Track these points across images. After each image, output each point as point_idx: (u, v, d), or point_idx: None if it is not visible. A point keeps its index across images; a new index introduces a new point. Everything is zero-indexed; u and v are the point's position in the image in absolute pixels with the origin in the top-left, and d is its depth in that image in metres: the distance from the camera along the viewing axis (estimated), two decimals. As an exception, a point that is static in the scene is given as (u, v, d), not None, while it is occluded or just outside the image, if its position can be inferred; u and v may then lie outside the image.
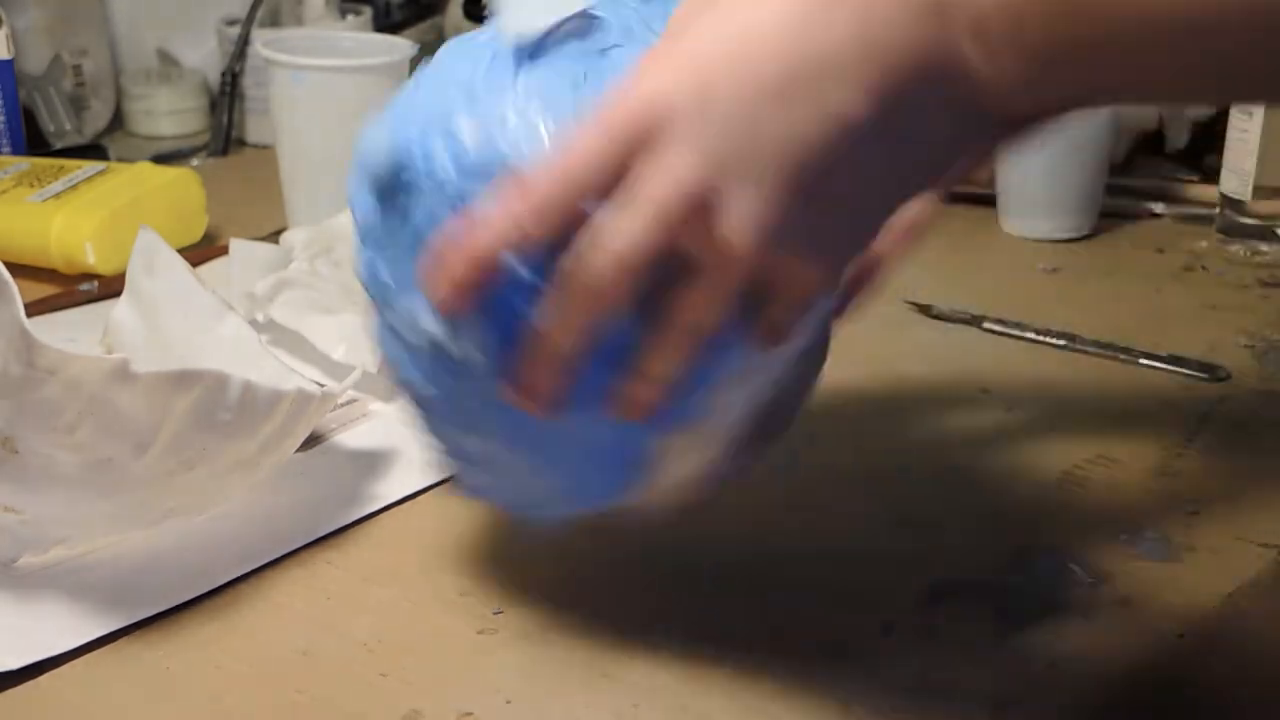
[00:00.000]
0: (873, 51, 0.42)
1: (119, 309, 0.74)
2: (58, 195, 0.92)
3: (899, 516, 0.64)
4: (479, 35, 0.52)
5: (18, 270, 0.66)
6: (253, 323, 0.74)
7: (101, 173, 0.95)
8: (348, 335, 0.75)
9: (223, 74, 1.18)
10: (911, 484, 0.66)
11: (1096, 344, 0.81)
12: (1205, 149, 1.11)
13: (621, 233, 0.44)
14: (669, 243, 0.44)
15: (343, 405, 0.73)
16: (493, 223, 0.45)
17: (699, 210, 0.43)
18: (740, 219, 0.43)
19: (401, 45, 0.96)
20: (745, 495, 0.60)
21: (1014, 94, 0.42)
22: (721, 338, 0.47)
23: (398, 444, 0.70)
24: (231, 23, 1.21)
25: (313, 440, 0.70)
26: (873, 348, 0.80)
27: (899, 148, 0.43)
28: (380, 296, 0.52)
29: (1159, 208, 1.05)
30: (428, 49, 1.23)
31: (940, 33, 0.42)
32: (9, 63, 1.02)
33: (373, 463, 0.69)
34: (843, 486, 0.67)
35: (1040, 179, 0.99)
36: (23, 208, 0.91)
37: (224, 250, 0.89)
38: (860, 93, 0.42)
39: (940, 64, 0.42)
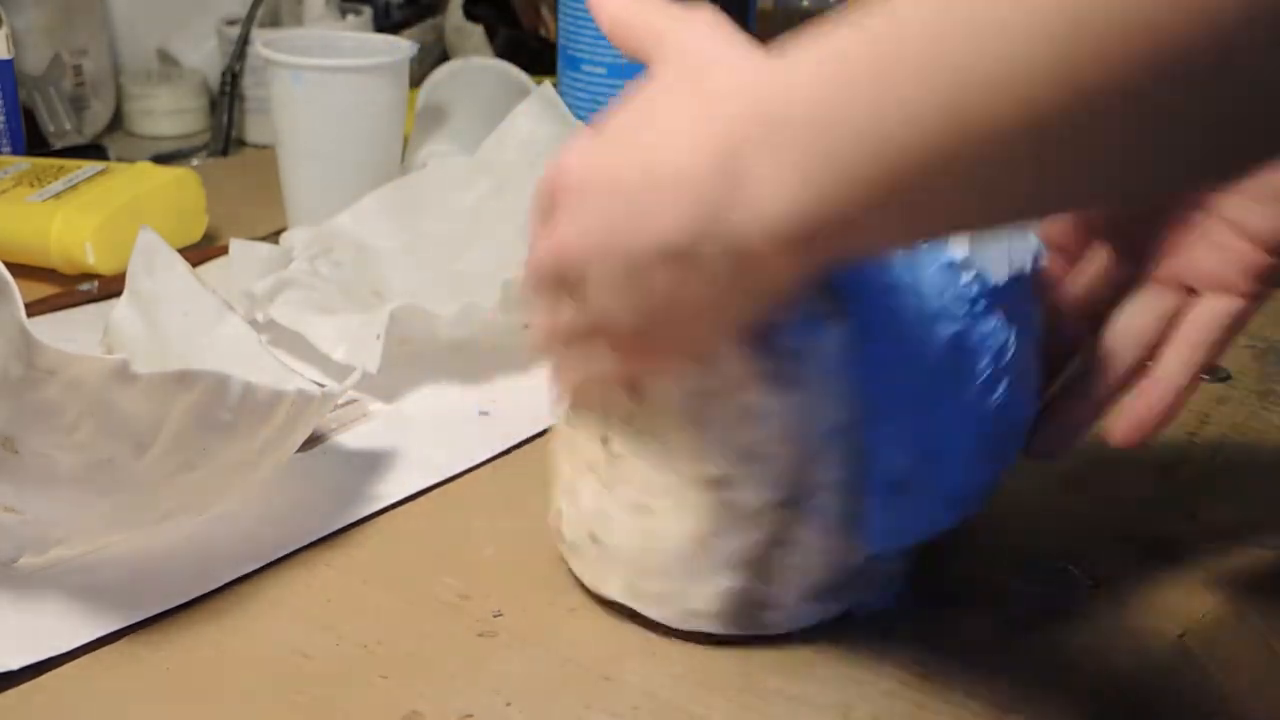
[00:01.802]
0: (673, 176, 0.44)
1: (119, 309, 0.74)
2: (58, 195, 0.92)
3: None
4: None
5: (18, 270, 0.66)
6: (253, 323, 0.74)
7: (101, 173, 0.95)
8: (348, 335, 0.75)
9: (223, 74, 1.18)
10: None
11: (1096, 344, 0.81)
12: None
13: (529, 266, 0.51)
14: (551, 281, 0.50)
15: (343, 406, 0.73)
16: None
17: (568, 266, 0.48)
18: (591, 287, 0.48)
19: (401, 45, 0.96)
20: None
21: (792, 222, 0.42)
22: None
23: (398, 444, 0.70)
24: (231, 23, 1.21)
25: (313, 441, 0.70)
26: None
27: (706, 276, 0.45)
28: None
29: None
30: (428, 49, 1.24)
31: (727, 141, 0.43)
32: (9, 63, 1.02)
33: (373, 463, 0.69)
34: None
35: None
36: (23, 208, 0.91)
37: (224, 250, 0.89)
38: (670, 216, 0.44)
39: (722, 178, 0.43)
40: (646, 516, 0.54)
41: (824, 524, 0.53)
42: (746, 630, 0.56)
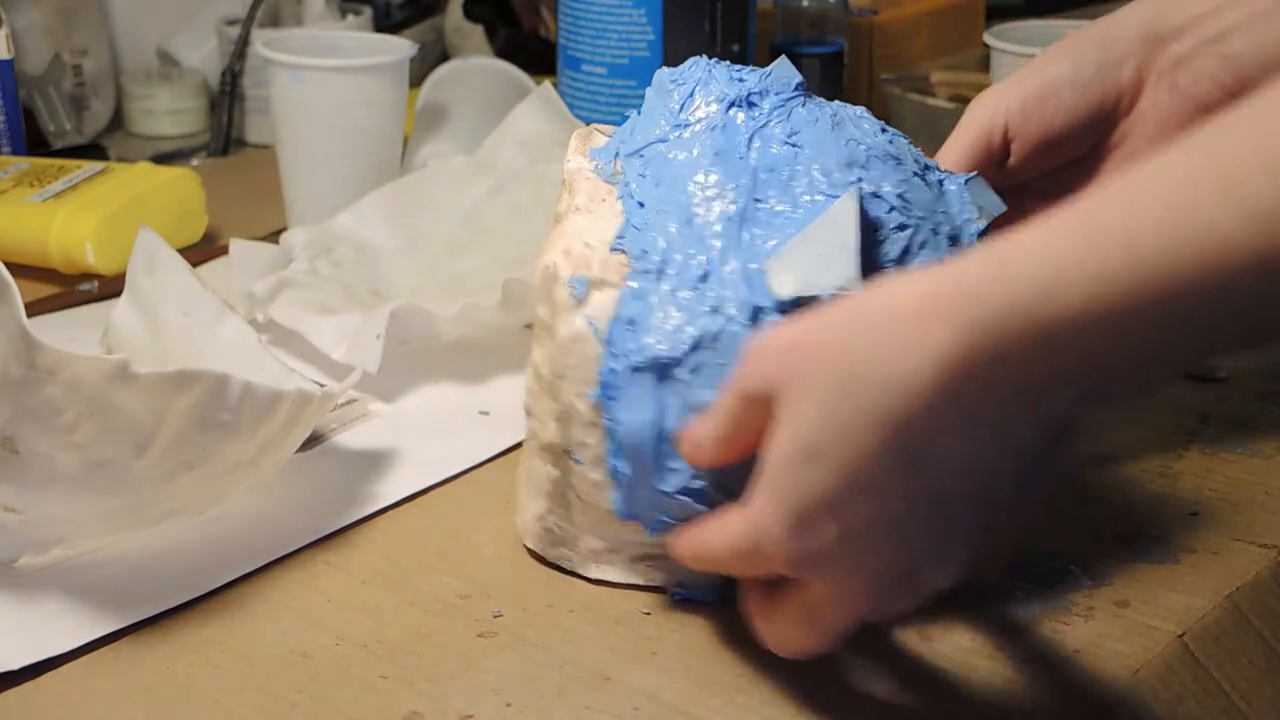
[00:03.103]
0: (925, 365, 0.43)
1: (119, 309, 0.74)
2: (58, 195, 0.92)
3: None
4: None
5: (18, 270, 0.66)
6: (253, 323, 0.74)
7: (101, 173, 0.95)
8: (348, 335, 0.75)
9: (223, 74, 1.18)
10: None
11: (1096, 344, 0.81)
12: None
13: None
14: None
15: (343, 405, 0.73)
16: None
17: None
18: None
19: (401, 45, 0.96)
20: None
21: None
22: None
23: (398, 444, 0.70)
24: (231, 23, 1.20)
25: (313, 440, 0.70)
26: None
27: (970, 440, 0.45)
28: None
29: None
30: (428, 49, 1.24)
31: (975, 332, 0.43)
32: (9, 63, 1.02)
33: (373, 463, 0.69)
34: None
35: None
36: (23, 208, 0.91)
37: (224, 250, 0.89)
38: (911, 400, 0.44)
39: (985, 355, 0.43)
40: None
41: (591, 480, 0.57)
42: (557, 562, 0.60)
